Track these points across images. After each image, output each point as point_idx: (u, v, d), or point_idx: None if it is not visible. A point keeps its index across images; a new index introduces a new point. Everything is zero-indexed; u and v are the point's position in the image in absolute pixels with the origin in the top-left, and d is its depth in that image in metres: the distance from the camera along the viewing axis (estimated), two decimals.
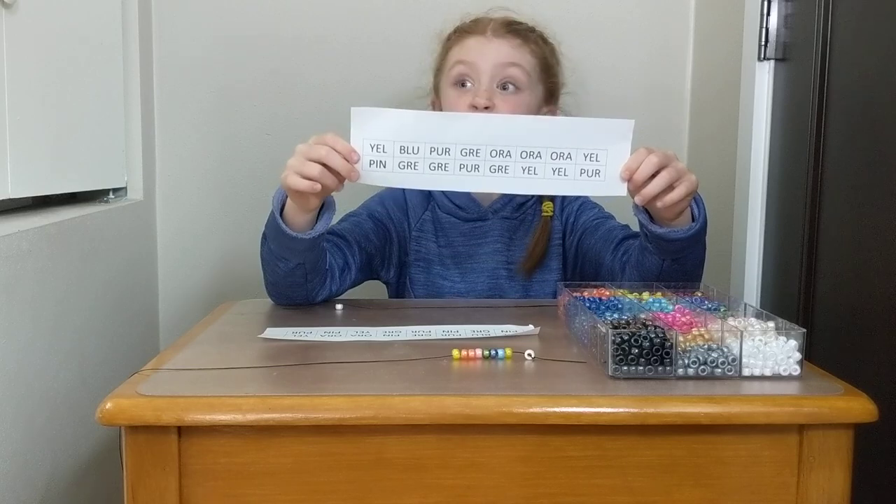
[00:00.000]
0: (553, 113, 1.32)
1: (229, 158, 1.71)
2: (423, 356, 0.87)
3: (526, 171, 1.01)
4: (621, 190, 1.01)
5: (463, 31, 1.30)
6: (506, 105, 1.23)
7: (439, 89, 1.32)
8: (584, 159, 1.00)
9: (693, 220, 1.06)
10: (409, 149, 1.00)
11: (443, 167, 1.01)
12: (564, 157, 1.00)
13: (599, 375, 0.81)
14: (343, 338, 0.95)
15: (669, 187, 0.99)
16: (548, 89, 1.31)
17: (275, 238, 1.08)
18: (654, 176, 0.98)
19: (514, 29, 1.28)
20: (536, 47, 1.29)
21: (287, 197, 1.05)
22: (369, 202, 1.32)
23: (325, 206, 1.07)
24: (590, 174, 1.00)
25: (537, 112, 1.29)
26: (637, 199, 1.00)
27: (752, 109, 1.38)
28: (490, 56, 1.24)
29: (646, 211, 1.05)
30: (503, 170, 1.01)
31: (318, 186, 0.99)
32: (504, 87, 1.24)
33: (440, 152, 1.00)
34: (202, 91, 1.70)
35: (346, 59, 1.68)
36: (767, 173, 1.38)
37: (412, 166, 1.01)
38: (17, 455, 1.11)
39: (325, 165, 0.99)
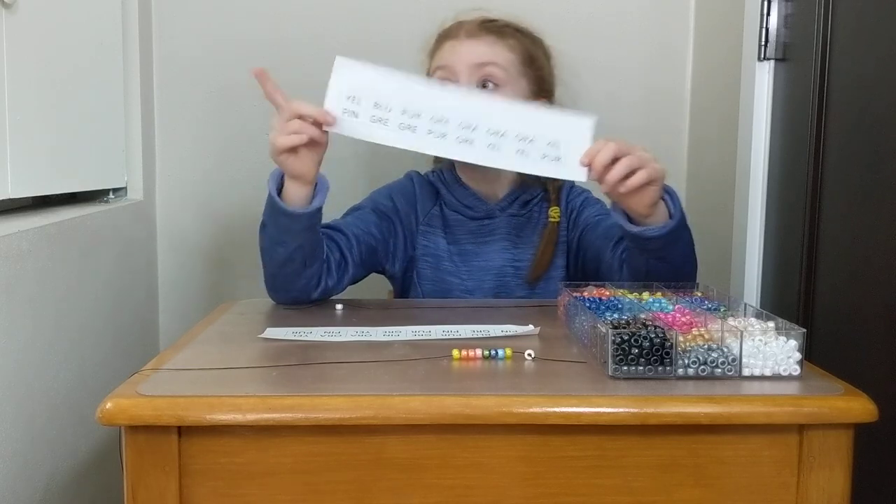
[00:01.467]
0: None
1: (229, 158, 1.71)
2: (423, 356, 0.87)
3: (490, 146, 1.05)
4: (581, 175, 1.03)
5: (441, 37, 1.30)
6: None
7: None
8: (546, 146, 1.04)
9: (670, 217, 1.07)
10: (382, 105, 1.04)
11: (412, 129, 1.04)
12: (528, 140, 1.04)
13: (599, 375, 0.81)
14: (343, 338, 0.95)
15: (631, 172, 1.00)
16: (534, 81, 1.30)
17: (273, 220, 1.09)
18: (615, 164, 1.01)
19: (488, 27, 1.27)
20: (515, 42, 1.28)
21: (283, 177, 1.07)
22: (376, 195, 1.32)
23: (318, 187, 1.10)
24: (551, 159, 1.04)
25: None
26: (602, 189, 1.03)
27: (752, 109, 1.38)
28: (464, 58, 1.24)
29: (625, 213, 1.06)
30: (469, 142, 1.05)
31: (305, 137, 1.03)
32: (484, 86, 1.24)
33: (411, 115, 1.04)
34: (202, 91, 1.70)
35: None
36: (767, 173, 1.38)
37: (383, 122, 1.04)
38: (17, 455, 1.11)
39: (301, 118, 1.03)
